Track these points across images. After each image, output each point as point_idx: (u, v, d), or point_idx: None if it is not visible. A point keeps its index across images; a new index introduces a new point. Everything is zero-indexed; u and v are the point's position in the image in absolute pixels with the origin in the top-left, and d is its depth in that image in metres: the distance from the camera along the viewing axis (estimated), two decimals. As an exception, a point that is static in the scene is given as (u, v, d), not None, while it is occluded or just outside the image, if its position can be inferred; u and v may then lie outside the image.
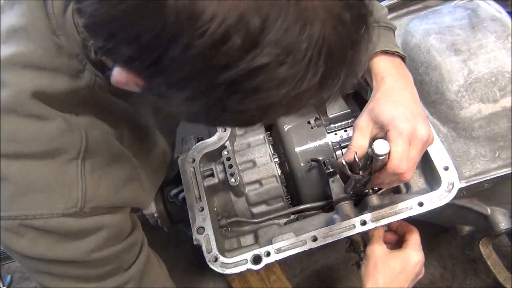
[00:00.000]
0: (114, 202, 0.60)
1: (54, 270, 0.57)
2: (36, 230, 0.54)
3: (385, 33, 0.85)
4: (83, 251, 0.56)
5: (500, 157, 0.84)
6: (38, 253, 0.55)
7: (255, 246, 0.92)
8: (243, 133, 1.07)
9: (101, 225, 0.57)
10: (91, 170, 0.57)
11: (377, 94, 0.78)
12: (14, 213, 0.53)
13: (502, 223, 0.91)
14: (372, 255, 0.83)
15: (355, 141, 0.76)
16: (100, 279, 0.59)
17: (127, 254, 0.63)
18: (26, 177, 0.53)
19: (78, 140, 0.57)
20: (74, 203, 0.55)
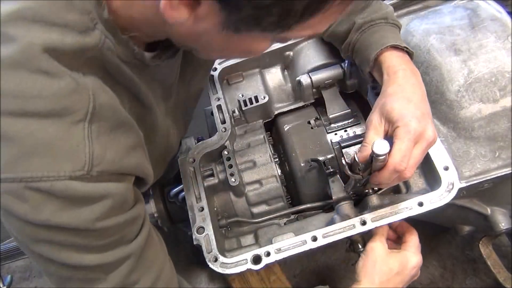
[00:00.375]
0: (120, 167, 0.58)
1: (56, 238, 0.55)
2: (41, 194, 0.51)
3: (393, 30, 0.86)
4: (87, 219, 0.54)
5: (500, 157, 0.84)
6: (42, 218, 0.52)
7: (255, 246, 0.92)
8: (243, 133, 1.07)
9: (106, 193, 0.56)
10: (97, 134, 0.55)
11: (388, 89, 0.79)
12: (19, 175, 0.51)
13: (502, 223, 0.91)
14: (372, 252, 0.83)
15: (369, 138, 0.77)
16: (100, 251, 0.58)
17: (129, 227, 0.61)
18: (32, 137, 0.51)
19: (86, 101, 0.54)
20: (81, 166, 0.53)
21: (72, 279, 0.59)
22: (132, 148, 0.62)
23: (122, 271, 0.60)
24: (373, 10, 0.87)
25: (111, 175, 0.57)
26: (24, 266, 1.34)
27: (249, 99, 1.01)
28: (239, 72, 1.10)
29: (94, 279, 0.59)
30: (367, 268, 0.81)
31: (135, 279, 0.62)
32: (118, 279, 0.60)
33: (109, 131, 0.57)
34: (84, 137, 0.54)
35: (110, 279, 0.60)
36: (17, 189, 0.51)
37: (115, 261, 0.59)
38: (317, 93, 1.06)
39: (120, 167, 0.58)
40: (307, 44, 1.08)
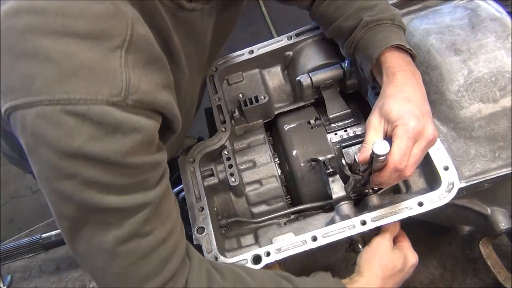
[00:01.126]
0: (153, 101, 0.58)
1: (82, 172, 0.53)
2: (77, 119, 0.51)
3: (398, 32, 0.86)
4: (118, 150, 0.54)
5: (500, 157, 0.83)
6: (74, 146, 0.51)
7: (255, 246, 0.92)
8: (243, 133, 1.07)
9: (138, 125, 0.55)
10: (133, 65, 0.55)
11: (387, 90, 0.79)
12: (57, 96, 0.50)
13: (502, 223, 0.91)
14: (380, 247, 0.82)
15: (369, 139, 0.77)
16: (121, 193, 0.57)
17: (152, 172, 0.61)
18: (71, 58, 0.51)
19: (124, 28, 0.54)
20: (119, 91, 0.52)
21: (87, 224, 0.58)
22: (164, 86, 0.61)
23: (138, 219, 0.60)
24: (381, 10, 0.87)
25: (144, 110, 0.56)
26: (24, 266, 1.33)
27: (249, 99, 1.01)
28: (239, 72, 1.10)
29: (108, 224, 0.58)
30: (371, 261, 0.81)
31: (148, 230, 0.61)
32: (133, 227, 0.59)
33: (144, 65, 0.57)
34: (121, 65, 0.54)
35: (125, 225, 0.59)
36: (53, 112, 0.50)
37: (133, 207, 0.59)
38: (317, 93, 1.06)
39: (153, 100, 0.58)
40: (307, 44, 1.08)
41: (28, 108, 0.51)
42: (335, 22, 0.92)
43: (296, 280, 0.75)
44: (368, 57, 0.85)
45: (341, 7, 0.92)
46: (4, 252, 1.13)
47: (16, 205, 2.65)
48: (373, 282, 0.79)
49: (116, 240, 0.59)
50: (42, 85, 0.50)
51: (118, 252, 0.60)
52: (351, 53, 0.92)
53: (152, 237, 0.62)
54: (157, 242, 0.63)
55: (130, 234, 0.59)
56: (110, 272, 0.61)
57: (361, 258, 0.83)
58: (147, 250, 0.62)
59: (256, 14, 2.96)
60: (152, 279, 0.63)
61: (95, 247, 0.60)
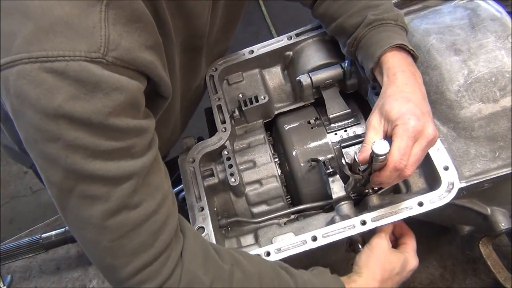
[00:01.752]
0: (135, 59, 0.56)
1: (66, 134, 0.52)
2: (56, 76, 0.50)
3: (401, 32, 0.87)
4: (100, 110, 0.53)
5: (500, 157, 0.83)
6: (54, 104, 0.50)
7: (255, 246, 0.92)
8: (243, 133, 1.07)
9: (119, 85, 0.54)
10: (113, 21, 0.54)
11: (388, 90, 0.79)
12: (35, 54, 0.49)
13: (502, 223, 0.91)
14: (378, 248, 0.82)
15: (369, 139, 0.77)
16: (107, 158, 0.56)
17: (137, 138, 0.59)
18: (48, 13, 0.49)
19: None
20: (97, 47, 0.51)
21: (73, 193, 0.57)
22: (148, 46, 0.60)
23: (125, 190, 0.59)
24: (385, 10, 0.87)
25: (125, 69, 0.55)
26: (24, 266, 1.33)
27: (249, 99, 1.01)
28: (239, 72, 1.10)
29: (95, 197, 0.57)
30: (370, 262, 0.81)
31: (137, 201, 0.60)
32: (120, 199, 0.58)
33: (126, 22, 0.56)
34: (100, 20, 0.52)
35: (111, 197, 0.58)
36: (31, 70, 0.49)
37: (119, 176, 0.58)
38: (317, 93, 1.06)
39: (135, 58, 0.56)
40: (307, 44, 1.08)
41: (10, 67, 0.50)
42: (338, 20, 0.92)
43: (294, 272, 0.75)
44: (370, 55, 0.85)
45: (345, 5, 0.92)
46: (4, 252, 1.13)
47: (16, 205, 2.65)
48: (371, 284, 0.79)
49: (103, 213, 0.58)
50: (20, 43, 0.50)
51: (107, 226, 0.59)
52: (352, 51, 0.92)
53: (141, 209, 0.61)
54: (146, 214, 0.62)
55: (118, 207, 0.58)
56: (101, 246, 0.61)
57: (360, 258, 0.83)
58: (136, 222, 0.61)
59: (256, 14, 2.97)
60: (144, 252, 0.62)
61: (84, 221, 0.59)
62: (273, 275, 0.72)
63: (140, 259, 0.62)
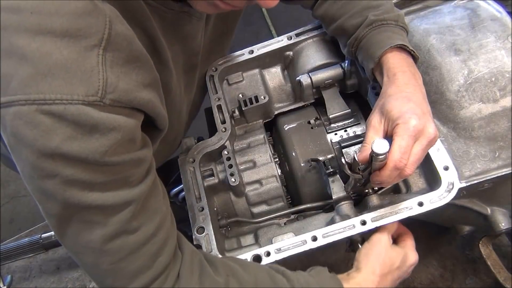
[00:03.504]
0: (132, 99, 0.57)
1: (62, 171, 0.53)
2: (53, 118, 0.50)
3: (401, 33, 0.87)
4: (97, 150, 0.53)
5: (500, 157, 0.83)
6: (51, 146, 0.51)
7: (255, 246, 0.92)
8: (243, 133, 1.07)
9: (117, 124, 0.54)
10: (111, 63, 0.54)
11: (388, 90, 0.79)
12: (33, 96, 0.49)
13: (502, 223, 0.91)
14: (378, 243, 0.82)
15: (369, 139, 0.77)
16: (104, 189, 0.56)
17: (135, 168, 0.60)
18: (47, 57, 0.50)
19: (102, 26, 0.54)
20: (95, 91, 0.52)
21: (72, 221, 0.58)
22: (146, 85, 0.61)
23: (124, 216, 0.59)
24: (386, 10, 0.87)
25: (122, 109, 0.56)
26: (24, 266, 1.33)
27: (249, 99, 1.01)
28: (239, 72, 1.10)
29: (94, 222, 0.58)
30: (370, 257, 0.81)
31: (136, 226, 0.61)
32: (118, 224, 0.59)
33: (123, 63, 0.56)
34: (98, 63, 0.53)
35: (110, 223, 0.59)
36: (28, 112, 0.50)
37: (117, 204, 0.58)
38: (317, 93, 1.06)
39: (132, 99, 0.57)
40: (307, 44, 1.08)
41: (7, 107, 0.50)
42: (339, 20, 0.93)
43: (290, 275, 0.75)
44: (371, 56, 0.85)
45: (346, 5, 0.92)
46: (4, 252, 1.13)
47: (16, 205, 2.65)
48: (370, 279, 0.79)
49: (102, 238, 0.59)
50: (18, 85, 0.50)
51: (106, 250, 0.60)
52: (353, 51, 0.92)
53: (140, 232, 0.62)
54: (145, 238, 0.63)
55: (117, 232, 0.59)
56: (101, 269, 0.62)
57: (359, 254, 0.83)
58: (135, 246, 0.62)
59: (256, 14, 2.97)
60: (143, 274, 0.63)
61: (83, 245, 0.60)
62: (269, 280, 0.73)
63: (140, 280, 0.63)
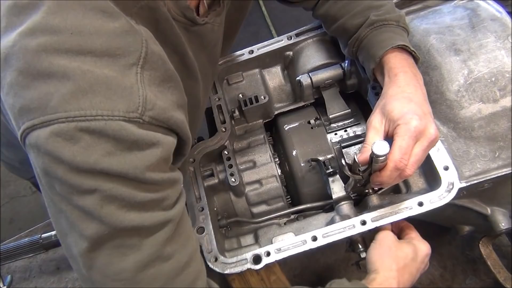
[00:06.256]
0: (169, 118, 0.57)
1: (102, 187, 0.52)
2: (93, 135, 0.50)
3: (402, 33, 0.87)
4: (137, 165, 0.52)
5: (500, 157, 0.83)
6: (91, 161, 0.50)
7: (255, 246, 0.92)
8: (243, 133, 1.07)
9: (156, 140, 0.54)
10: (148, 82, 0.55)
11: (389, 91, 0.79)
12: (73, 113, 0.49)
13: (502, 223, 0.91)
14: (385, 240, 0.81)
15: (370, 140, 0.77)
16: (141, 209, 0.55)
17: (170, 189, 0.59)
18: (87, 75, 0.50)
19: (139, 45, 0.54)
20: (135, 107, 0.52)
21: (105, 247, 0.55)
22: (178, 105, 0.61)
23: (159, 238, 0.57)
24: (387, 11, 0.87)
25: (160, 127, 0.56)
26: (24, 266, 1.33)
27: (249, 99, 1.01)
28: (239, 72, 1.10)
29: (128, 247, 0.56)
30: (382, 256, 0.79)
31: (170, 252, 0.59)
32: (153, 248, 0.57)
33: (159, 82, 0.57)
34: (137, 81, 0.53)
35: (144, 246, 0.56)
36: (68, 129, 0.49)
37: (153, 226, 0.56)
38: (317, 93, 1.06)
39: (170, 118, 0.57)
40: (307, 44, 1.08)
41: (44, 127, 0.50)
42: (340, 20, 0.93)
43: None
44: (372, 56, 0.85)
45: (347, 5, 0.92)
46: (4, 252, 1.13)
47: (16, 205, 2.65)
48: (390, 276, 0.77)
49: (136, 265, 0.56)
50: (58, 103, 0.50)
51: (139, 280, 0.57)
52: (353, 51, 0.92)
53: (174, 260, 0.59)
54: (179, 267, 0.60)
55: (151, 257, 0.57)
56: None
57: (370, 255, 0.81)
58: (170, 275, 0.59)
59: (256, 14, 2.97)
60: None
61: (114, 277, 0.56)
62: None
63: None
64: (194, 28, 0.69)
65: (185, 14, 0.65)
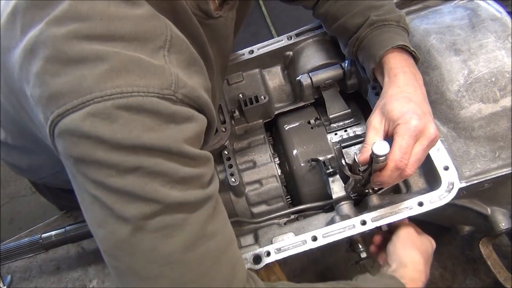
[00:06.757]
0: (199, 98, 0.57)
1: (144, 163, 0.51)
2: (131, 112, 0.50)
3: (403, 33, 0.87)
4: (177, 138, 0.53)
5: (500, 157, 0.83)
6: (132, 137, 0.50)
7: (255, 246, 0.92)
8: (243, 133, 1.07)
9: (191, 115, 0.55)
10: (176, 64, 0.56)
11: (389, 91, 0.80)
12: (109, 91, 0.49)
13: (502, 223, 0.91)
14: (410, 235, 0.82)
15: (369, 139, 0.77)
16: (184, 186, 0.54)
17: (206, 166, 0.59)
18: (121, 55, 0.52)
19: (164, 28, 0.56)
20: (169, 84, 0.53)
21: (148, 230, 0.52)
22: (205, 89, 0.62)
23: (202, 215, 0.56)
24: (388, 11, 0.88)
25: (192, 106, 0.57)
26: (24, 266, 1.33)
27: (249, 99, 1.01)
28: (239, 72, 1.10)
29: (173, 227, 0.53)
30: (408, 249, 0.80)
31: (213, 230, 0.57)
32: (198, 226, 0.55)
33: (185, 65, 0.58)
34: (166, 62, 0.55)
35: (189, 225, 0.54)
36: (105, 108, 0.49)
37: (196, 202, 0.56)
38: (317, 93, 1.06)
39: (200, 97, 0.58)
40: (307, 44, 1.08)
41: (78, 110, 0.50)
42: (340, 20, 0.93)
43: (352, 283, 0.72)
44: (372, 56, 0.85)
45: (347, 5, 0.92)
46: (4, 252, 1.13)
47: (16, 205, 2.65)
48: (419, 269, 0.77)
49: (184, 245, 0.54)
50: (92, 83, 0.50)
51: (188, 261, 0.54)
52: (354, 51, 0.92)
53: (218, 239, 0.58)
54: (224, 245, 0.59)
55: (197, 235, 0.55)
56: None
57: (394, 249, 0.81)
58: (216, 253, 0.57)
59: (256, 14, 2.97)
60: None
61: (161, 262, 0.53)
62: None
63: None
64: (208, 22, 0.70)
65: (200, 7, 0.66)
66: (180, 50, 0.58)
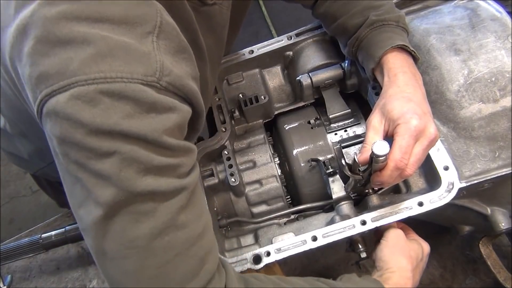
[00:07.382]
0: (184, 86, 0.58)
1: (121, 149, 0.52)
2: (112, 97, 0.51)
3: (402, 33, 0.87)
4: (156, 128, 0.53)
5: (500, 157, 0.83)
6: (111, 122, 0.50)
7: (255, 246, 0.92)
8: (243, 133, 1.07)
9: (173, 105, 0.55)
10: (164, 51, 0.56)
11: (389, 91, 0.80)
12: (93, 76, 0.50)
13: (502, 223, 0.91)
14: (398, 239, 0.81)
15: (369, 139, 0.77)
16: (158, 174, 0.55)
17: (185, 157, 0.59)
18: (107, 40, 0.52)
19: (154, 15, 0.56)
20: (153, 71, 0.53)
21: (120, 213, 0.54)
22: (192, 77, 0.62)
23: (173, 205, 0.57)
24: (387, 11, 0.88)
25: (176, 95, 0.57)
26: (24, 266, 1.33)
27: (249, 99, 1.01)
28: (239, 72, 1.10)
29: (143, 214, 0.55)
30: (396, 254, 0.79)
31: (184, 221, 0.58)
32: (168, 216, 0.56)
33: (174, 52, 0.58)
34: (153, 49, 0.55)
35: (159, 213, 0.56)
36: (88, 92, 0.50)
37: (168, 191, 0.56)
38: (317, 93, 1.06)
39: (185, 85, 0.58)
40: (307, 44, 1.08)
41: (63, 92, 0.50)
42: (340, 20, 0.93)
43: (333, 283, 0.73)
44: (371, 56, 0.85)
45: (347, 5, 0.92)
46: (4, 252, 1.13)
47: (16, 205, 2.66)
48: (406, 276, 0.76)
49: (151, 231, 0.55)
50: (77, 67, 0.50)
51: (154, 247, 0.56)
52: (353, 51, 0.92)
53: (188, 230, 0.58)
54: (193, 237, 0.59)
55: (166, 225, 0.56)
56: (145, 275, 0.57)
57: (381, 253, 0.80)
58: (184, 244, 0.58)
59: (256, 14, 2.97)
60: (191, 281, 0.58)
61: (128, 245, 0.56)
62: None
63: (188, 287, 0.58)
64: (203, 9, 0.70)
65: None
66: (169, 37, 0.57)
